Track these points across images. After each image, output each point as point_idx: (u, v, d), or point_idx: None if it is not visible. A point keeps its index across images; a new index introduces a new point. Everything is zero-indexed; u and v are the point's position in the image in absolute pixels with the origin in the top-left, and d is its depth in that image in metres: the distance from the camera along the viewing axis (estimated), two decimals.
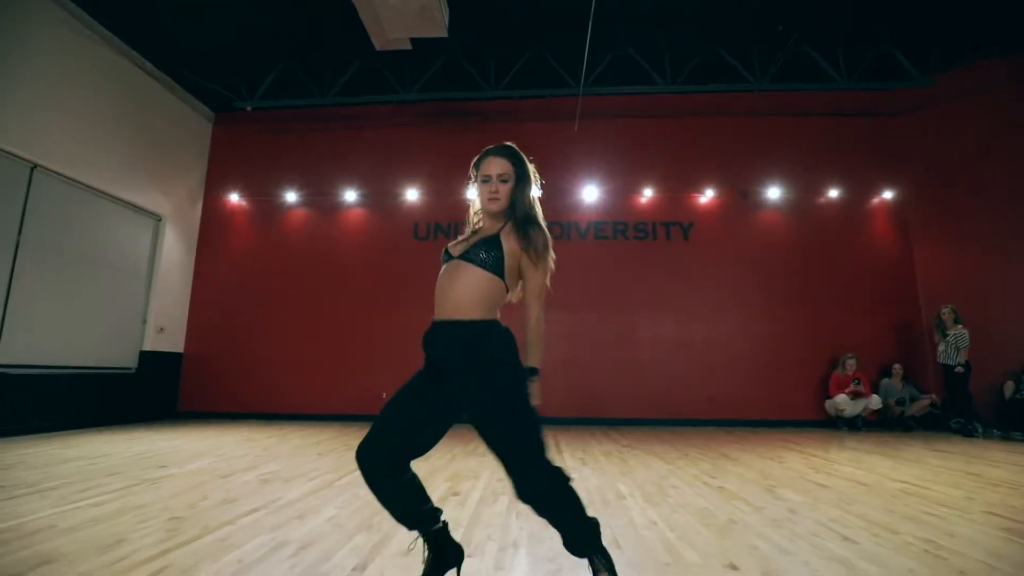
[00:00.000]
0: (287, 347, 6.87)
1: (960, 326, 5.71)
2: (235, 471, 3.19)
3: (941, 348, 5.76)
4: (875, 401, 5.99)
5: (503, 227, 1.51)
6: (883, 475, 3.27)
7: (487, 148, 1.59)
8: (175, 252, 6.86)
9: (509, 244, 1.47)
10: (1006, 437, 5.31)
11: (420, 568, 1.55)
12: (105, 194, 5.83)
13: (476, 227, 1.64)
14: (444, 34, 4.64)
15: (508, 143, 1.61)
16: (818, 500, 2.59)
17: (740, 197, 6.92)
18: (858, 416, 6.03)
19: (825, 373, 6.41)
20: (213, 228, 7.23)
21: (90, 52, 5.58)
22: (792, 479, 3.11)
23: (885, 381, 6.19)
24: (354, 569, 1.63)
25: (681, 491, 2.77)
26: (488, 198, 1.53)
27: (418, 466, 1.55)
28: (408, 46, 5.15)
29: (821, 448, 4.49)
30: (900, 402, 6.10)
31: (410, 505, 1.44)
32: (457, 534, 1.96)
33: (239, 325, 6.96)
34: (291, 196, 7.17)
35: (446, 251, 1.55)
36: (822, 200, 6.90)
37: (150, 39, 5.97)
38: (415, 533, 1.50)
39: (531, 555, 1.76)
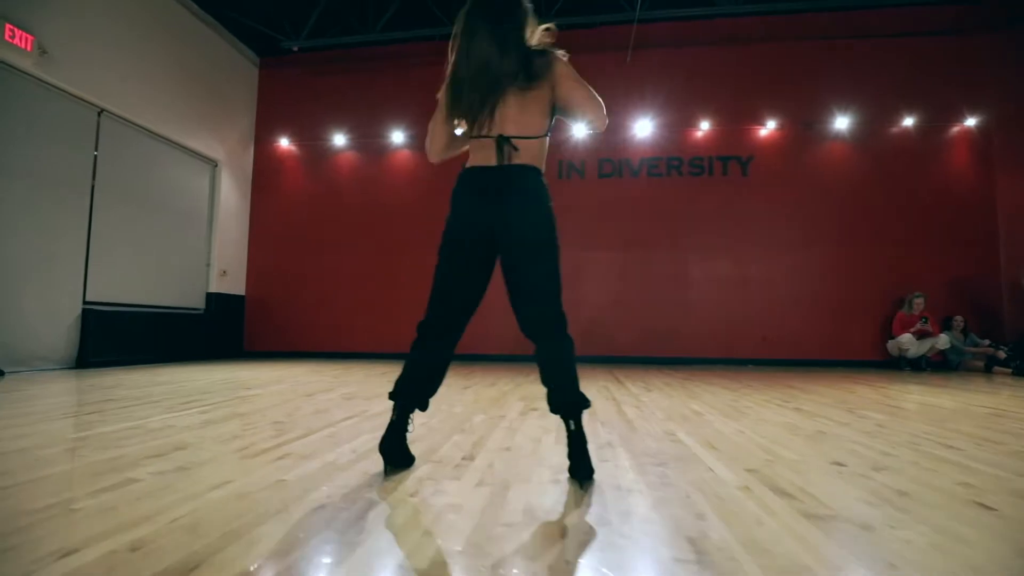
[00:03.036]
0: (341, 289, 7.08)
1: None
2: (316, 391, 3.36)
3: None
4: (943, 340, 5.74)
5: None
6: (966, 401, 3.16)
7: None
8: (232, 197, 7.05)
9: None
10: None
11: (516, 460, 1.61)
12: (165, 139, 5.98)
13: None
14: None
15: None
16: (906, 419, 2.54)
17: (803, 128, 6.51)
18: (923, 356, 5.82)
19: (889, 313, 6.16)
20: (265, 173, 7.36)
21: None
22: (870, 403, 3.05)
23: (948, 334, 5.86)
24: (464, 458, 1.70)
25: (757, 411, 2.77)
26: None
27: (487, 392, 1.58)
28: None
29: (889, 382, 4.38)
30: (956, 353, 5.82)
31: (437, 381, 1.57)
32: (548, 439, 2.02)
33: (295, 269, 7.19)
34: (339, 139, 7.18)
35: None
36: (894, 129, 6.41)
37: None
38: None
39: (628, 451, 1.80)
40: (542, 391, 1.54)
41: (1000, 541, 1.05)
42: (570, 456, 1.46)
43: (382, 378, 4.34)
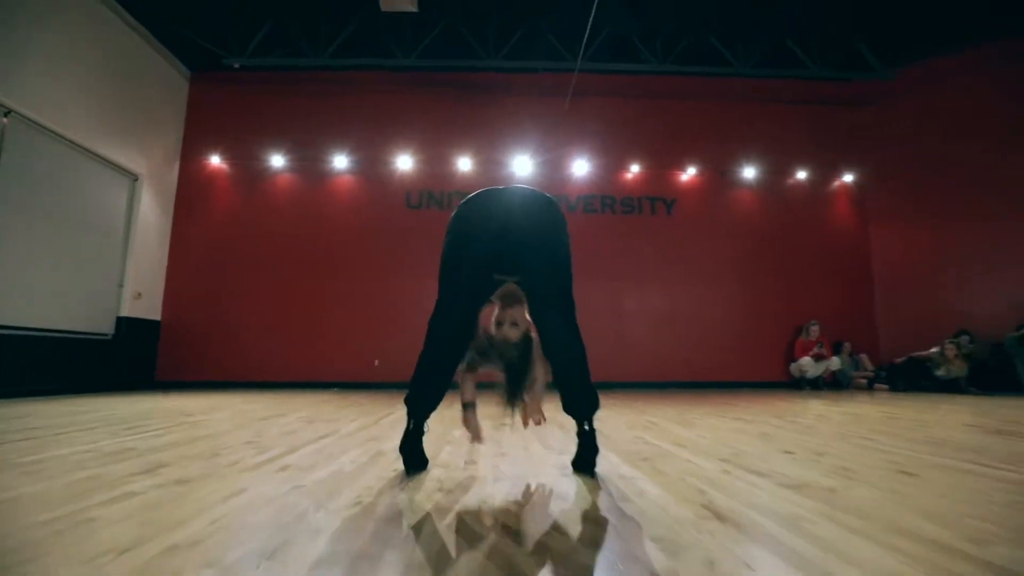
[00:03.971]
0: (272, 316, 6.73)
1: (959, 360, 6.10)
2: (269, 416, 3.21)
3: (941, 372, 6.09)
4: (835, 362, 6.61)
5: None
6: (866, 409, 3.71)
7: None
8: (152, 214, 6.54)
9: None
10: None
11: (517, 462, 1.72)
12: (80, 147, 5.48)
13: None
14: None
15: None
16: (828, 423, 2.94)
17: (719, 176, 7.35)
18: (819, 377, 6.63)
19: (790, 339, 6.98)
20: (191, 191, 6.93)
21: None
22: (794, 413, 3.48)
23: (839, 356, 6.77)
24: (467, 463, 1.77)
25: (705, 420, 3.06)
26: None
27: (449, 412, 1.71)
28: (415, 8, 5.13)
29: (798, 399, 4.97)
30: (844, 375, 6.76)
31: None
32: (536, 447, 2.14)
33: (221, 293, 6.74)
34: (276, 161, 6.97)
35: None
36: (791, 181, 7.44)
37: None
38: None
39: (614, 452, 1.96)
40: (498, 410, 1.68)
41: (926, 493, 1.34)
42: (579, 452, 1.60)
43: (327, 405, 4.19)
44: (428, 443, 2.16)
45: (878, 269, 7.35)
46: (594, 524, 1.10)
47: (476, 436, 1.71)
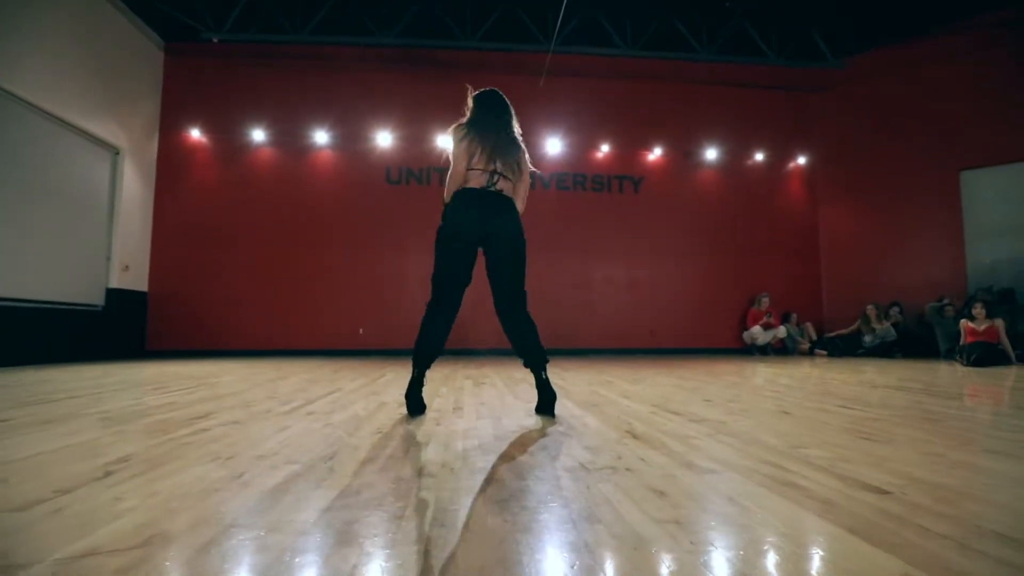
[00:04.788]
0: (257, 288, 7.01)
1: (886, 322, 6.84)
2: (274, 379, 3.62)
3: (868, 339, 6.83)
4: (781, 331, 7.32)
5: None
6: (791, 371, 4.34)
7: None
8: (135, 187, 6.65)
9: None
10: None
11: (494, 408, 2.20)
12: (59, 119, 5.54)
13: None
14: None
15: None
16: (754, 380, 3.53)
17: (684, 156, 7.83)
18: (768, 344, 7.35)
19: (743, 309, 7.66)
20: (172, 164, 7.03)
21: None
22: (728, 373, 4.08)
23: (786, 325, 7.50)
24: (455, 408, 2.24)
25: (652, 379, 3.62)
26: None
27: (438, 375, 2.16)
28: None
29: (743, 363, 5.63)
30: (792, 341, 7.51)
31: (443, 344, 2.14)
32: (509, 397, 2.63)
33: (205, 265, 6.97)
34: (256, 135, 7.10)
35: None
36: (749, 162, 7.97)
37: None
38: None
39: (569, 400, 2.47)
40: (482, 372, 2.16)
41: (788, 424, 1.88)
42: (540, 397, 2.08)
43: (323, 368, 4.61)
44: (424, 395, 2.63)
45: (824, 245, 8.04)
46: (544, 439, 1.59)
47: None
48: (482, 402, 2.45)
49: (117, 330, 6.34)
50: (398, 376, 3.81)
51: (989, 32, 6.80)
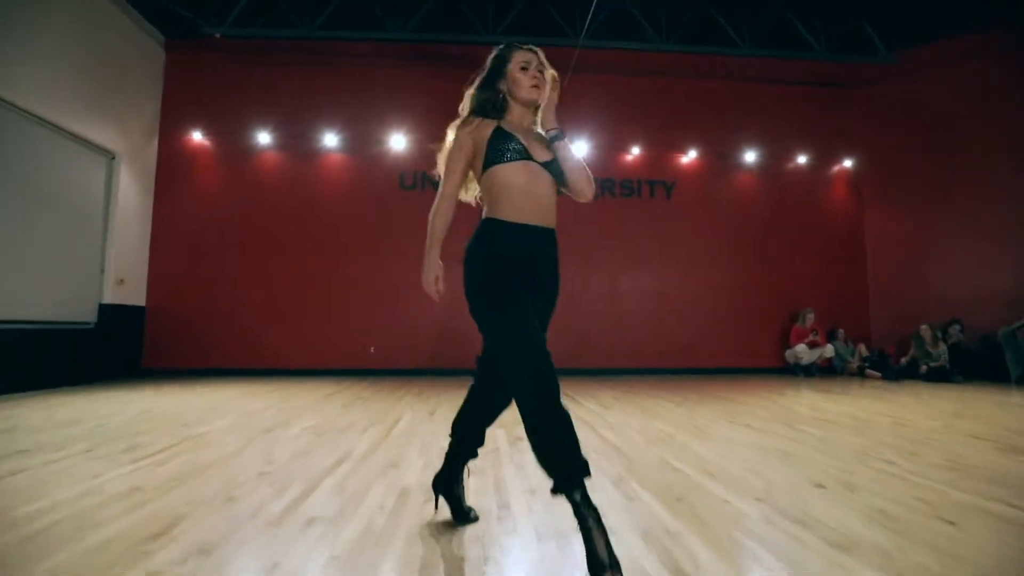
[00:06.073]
0: (261, 300, 6.54)
1: (941, 343, 6.21)
2: (274, 426, 3.11)
3: (924, 368, 6.13)
4: (829, 350, 6.70)
5: (553, 137, 1.52)
6: (869, 411, 3.75)
7: (511, 43, 1.61)
8: (132, 195, 6.20)
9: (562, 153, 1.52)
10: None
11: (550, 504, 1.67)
12: (51, 124, 5.10)
13: (500, 120, 1.56)
14: None
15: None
16: (837, 433, 2.96)
17: (718, 158, 7.22)
18: (813, 363, 6.73)
19: (785, 325, 7.04)
20: (173, 169, 6.57)
21: None
22: (801, 417, 3.50)
23: (834, 343, 6.86)
24: (500, 506, 1.71)
25: (716, 429, 3.06)
26: (530, 84, 1.53)
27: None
28: None
29: (795, 391, 5.03)
30: (842, 359, 6.87)
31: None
32: None
33: (207, 277, 6.51)
34: (262, 137, 6.62)
35: (522, 148, 1.48)
36: (790, 165, 7.35)
37: None
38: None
39: (641, 486, 1.92)
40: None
41: (968, 545, 1.31)
42: (588, 549, 1.13)
43: (331, 401, 4.11)
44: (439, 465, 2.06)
45: (871, 255, 7.39)
46: None
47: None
48: (532, 489, 1.90)
49: (111, 348, 5.89)
50: (415, 420, 3.29)
51: None
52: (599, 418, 3.40)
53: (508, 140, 1.48)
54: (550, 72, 1.55)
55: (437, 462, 2.25)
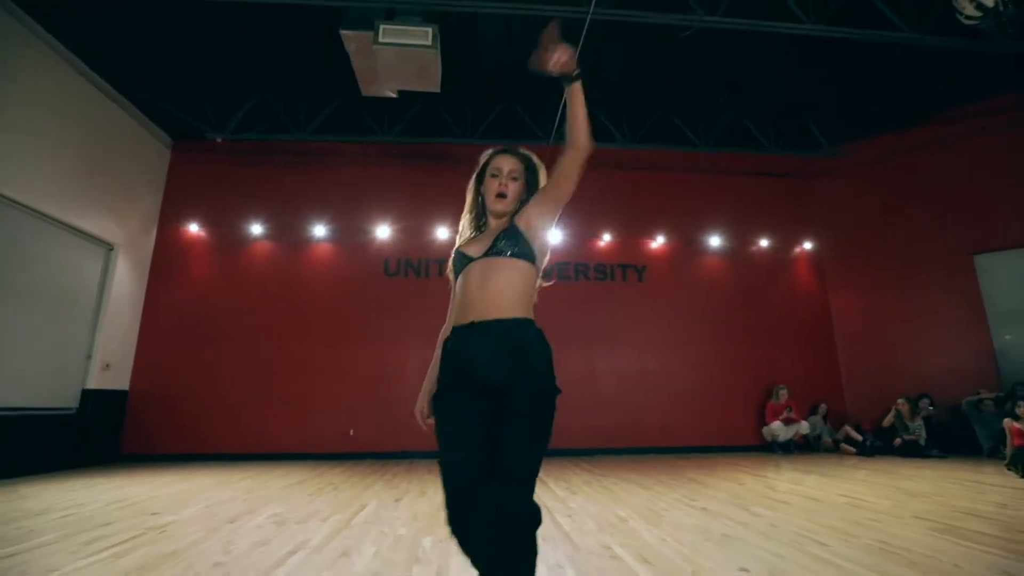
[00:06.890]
0: (245, 385, 6.63)
1: (919, 416, 6.38)
2: (238, 515, 3.16)
3: (898, 440, 6.26)
4: (804, 426, 6.77)
5: (515, 214, 1.48)
6: (828, 491, 3.83)
7: (498, 148, 1.59)
8: (126, 283, 6.50)
9: (524, 222, 1.45)
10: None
11: None
12: (52, 218, 5.45)
13: (473, 234, 1.58)
14: (437, 89, 4.99)
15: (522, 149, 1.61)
16: (787, 514, 3.05)
17: (686, 244, 7.71)
18: (790, 440, 6.78)
19: (761, 401, 7.16)
20: (167, 258, 6.93)
21: (39, 65, 5.22)
22: (758, 498, 3.58)
23: (812, 419, 6.97)
24: None
25: (672, 514, 3.13)
26: (495, 194, 1.50)
27: (421, 506, 1.76)
28: (395, 95, 5.43)
29: (768, 470, 5.08)
30: (818, 436, 6.95)
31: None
32: None
33: (193, 361, 6.65)
34: (255, 229, 7.06)
35: (461, 255, 1.48)
36: (754, 248, 7.83)
37: (108, 57, 5.65)
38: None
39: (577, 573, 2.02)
40: None
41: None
42: None
43: (299, 488, 4.13)
44: (394, 559, 2.14)
45: (839, 333, 7.68)
46: None
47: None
48: None
49: (91, 433, 5.89)
50: (379, 507, 3.34)
51: (991, 119, 6.85)
52: (562, 504, 3.47)
53: (455, 259, 1.53)
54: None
55: (389, 552, 2.34)
